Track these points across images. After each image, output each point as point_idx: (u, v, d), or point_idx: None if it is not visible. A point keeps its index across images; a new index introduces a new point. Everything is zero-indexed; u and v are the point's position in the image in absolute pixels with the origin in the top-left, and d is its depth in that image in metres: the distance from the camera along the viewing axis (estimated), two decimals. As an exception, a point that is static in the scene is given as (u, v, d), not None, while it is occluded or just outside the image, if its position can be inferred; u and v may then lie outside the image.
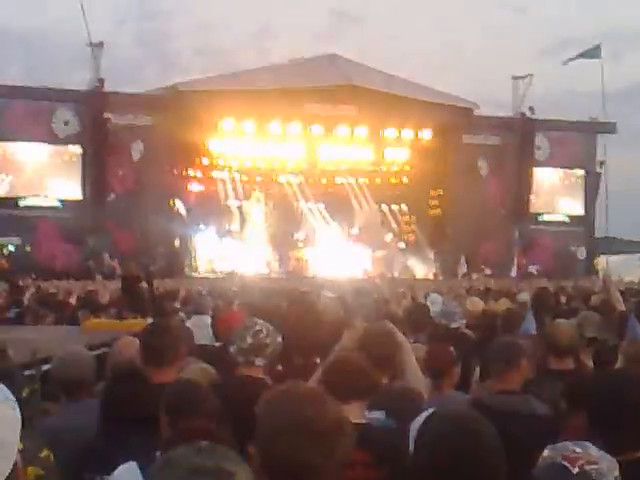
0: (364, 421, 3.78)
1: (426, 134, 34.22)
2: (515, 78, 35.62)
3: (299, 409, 2.27)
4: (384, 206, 36.33)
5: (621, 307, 8.13)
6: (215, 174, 34.41)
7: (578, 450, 2.54)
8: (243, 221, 34.25)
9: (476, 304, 9.70)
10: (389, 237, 35.41)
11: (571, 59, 34.60)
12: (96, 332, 7.49)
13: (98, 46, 31.27)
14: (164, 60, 73.94)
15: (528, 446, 3.05)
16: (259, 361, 4.71)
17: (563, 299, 13.56)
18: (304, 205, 35.31)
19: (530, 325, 7.14)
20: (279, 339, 4.81)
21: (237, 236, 33.66)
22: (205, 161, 33.87)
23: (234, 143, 33.44)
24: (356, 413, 3.73)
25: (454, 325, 8.21)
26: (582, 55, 34.11)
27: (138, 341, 4.71)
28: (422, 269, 33.36)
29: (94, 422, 3.92)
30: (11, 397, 2.03)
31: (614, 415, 3.28)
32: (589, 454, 2.54)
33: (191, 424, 3.14)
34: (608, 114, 35.61)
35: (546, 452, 2.59)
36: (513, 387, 4.74)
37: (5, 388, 2.05)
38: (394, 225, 36.10)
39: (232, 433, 3.18)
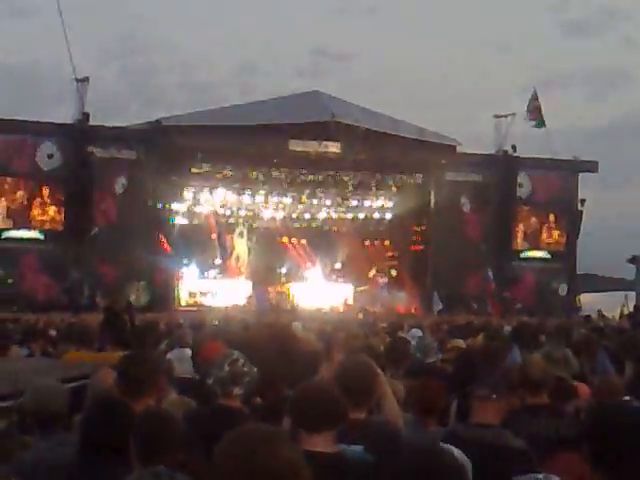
0: (333, 450, 3.81)
1: (409, 170, 34.42)
2: (497, 116, 35.94)
3: (251, 453, 2.22)
4: (367, 241, 36.48)
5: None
6: (198, 208, 34.48)
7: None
8: (226, 255, 34.26)
9: (455, 341, 9.76)
10: (372, 272, 35.49)
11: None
12: (76, 364, 7.48)
13: (83, 81, 31.38)
14: (148, 95, 74.33)
15: (501, 478, 3.08)
16: (237, 390, 4.74)
17: (542, 336, 13.64)
18: (287, 240, 35.40)
19: (516, 356, 7.19)
20: (255, 370, 4.84)
21: (220, 270, 33.65)
22: (189, 195, 33.93)
23: (218, 177, 33.55)
24: (326, 443, 3.76)
25: (430, 360, 8.25)
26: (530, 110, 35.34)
27: (116, 374, 4.73)
28: (404, 304, 33.40)
29: (68, 456, 3.90)
30: None
31: (614, 449, 3.31)
32: None
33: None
34: (588, 153, 36.02)
35: None
36: (490, 421, 4.77)
37: None
38: (377, 260, 36.22)
39: (208, 463, 3.20)
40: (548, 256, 36.58)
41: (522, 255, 36.26)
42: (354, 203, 35.99)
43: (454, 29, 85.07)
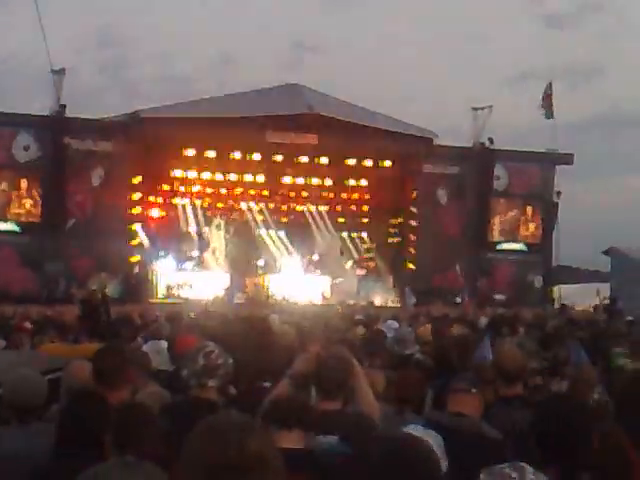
0: (304, 447, 3.84)
1: (386, 163, 34.47)
2: (474, 109, 36.05)
3: (220, 441, 2.17)
4: (344, 233, 36.52)
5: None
6: (176, 200, 34.40)
7: (514, 475, 2.57)
8: (203, 247, 34.19)
9: (427, 330, 9.81)
10: (349, 264, 35.54)
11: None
12: (52, 357, 7.46)
13: (60, 73, 31.21)
14: (126, 87, 73.95)
15: (474, 466, 3.11)
16: (212, 382, 4.76)
17: (520, 328, 13.72)
18: (265, 232, 35.38)
19: (486, 351, 7.20)
20: (230, 361, 4.86)
21: (197, 262, 33.59)
22: (166, 187, 33.84)
23: (195, 170, 33.49)
24: (296, 439, 3.80)
25: (408, 352, 8.29)
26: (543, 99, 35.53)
27: (91, 365, 4.74)
28: (381, 296, 33.46)
29: (45, 446, 3.91)
30: None
31: (562, 440, 3.36)
32: (524, 477, 2.58)
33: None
34: (564, 145, 36.28)
35: (482, 476, 2.61)
36: (467, 412, 4.81)
37: None
38: (354, 253, 36.28)
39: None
40: (524, 248, 36.75)
41: (498, 247, 36.41)
42: (331, 195, 36.00)
43: (433, 21, 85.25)
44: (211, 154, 32.49)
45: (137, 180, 31.66)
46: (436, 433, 3.89)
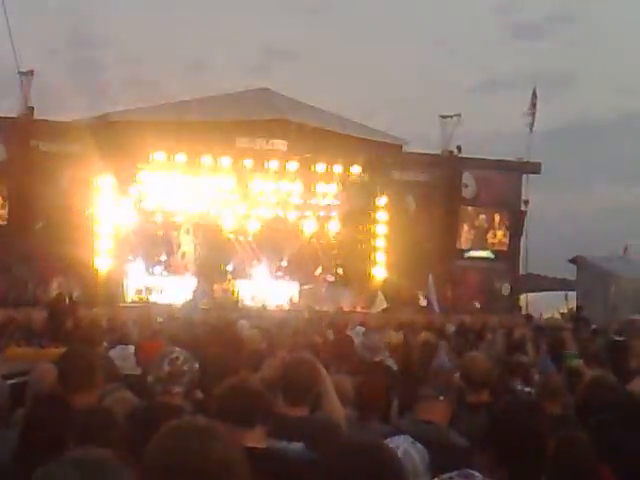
0: (264, 446, 3.84)
1: (355, 169, 34.51)
2: (443, 117, 36.20)
3: (183, 446, 2.17)
4: (313, 239, 36.52)
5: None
6: (145, 204, 34.21)
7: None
8: (172, 252, 34.06)
9: (395, 337, 9.85)
10: (318, 270, 35.55)
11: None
12: (18, 360, 7.42)
13: (27, 74, 31.00)
14: (95, 90, 73.46)
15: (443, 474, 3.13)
16: (177, 388, 4.75)
17: (488, 335, 13.81)
18: (233, 237, 35.30)
19: (443, 358, 7.23)
20: (196, 365, 4.86)
21: (165, 267, 33.47)
22: (134, 191, 33.65)
23: (165, 174, 33.33)
24: (258, 438, 3.80)
25: (377, 358, 8.32)
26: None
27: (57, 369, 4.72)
28: (350, 302, 33.50)
29: (8, 454, 3.87)
30: None
31: (514, 446, 3.39)
32: None
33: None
34: (533, 154, 36.52)
35: None
36: (435, 419, 4.84)
37: None
38: (323, 258, 36.28)
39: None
40: (492, 256, 36.95)
41: (466, 255, 36.58)
42: (300, 201, 35.98)
43: (402, 28, 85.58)
44: (181, 158, 32.38)
45: (105, 183, 31.48)
46: (424, 447, 3.92)
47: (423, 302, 33.42)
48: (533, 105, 36.48)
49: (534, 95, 36.84)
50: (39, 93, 31.94)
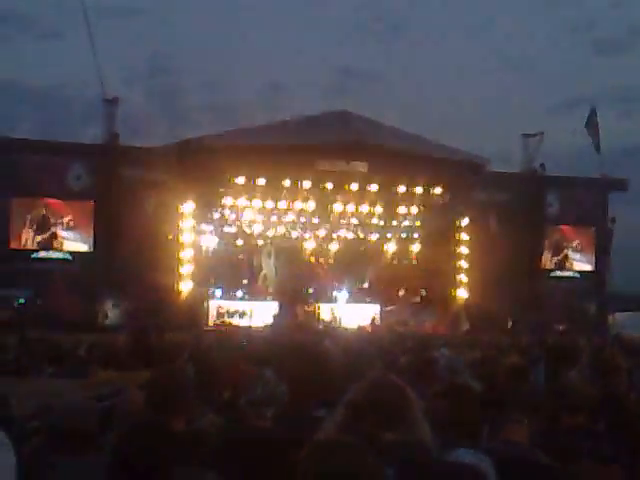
0: None
1: (436, 190, 34.29)
2: (525, 136, 35.79)
3: (344, 461, 2.43)
4: (395, 261, 36.38)
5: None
6: (227, 229, 34.55)
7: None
8: (253, 275, 34.28)
9: (479, 358, 9.66)
10: (402, 292, 35.38)
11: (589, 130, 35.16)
12: (105, 384, 7.46)
13: (113, 102, 31.69)
14: (176, 115, 74.66)
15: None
16: (268, 411, 4.71)
17: (576, 357, 13.48)
18: (315, 260, 35.37)
19: (539, 380, 7.08)
20: (284, 389, 4.81)
21: (247, 290, 33.67)
22: (217, 215, 34.02)
23: (246, 197, 33.60)
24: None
25: (459, 379, 8.16)
26: (586, 125, 34.86)
27: (144, 392, 4.70)
28: (433, 324, 33.23)
29: (99, 476, 3.84)
30: (6, 441, 2.03)
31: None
32: None
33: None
34: (617, 171, 35.89)
35: None
36: (520, 440, 4.74)
37: (4, 436, 2.04)
38: (405, 280, 36.09)
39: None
40: (577, 275, 36.35)
41: (551, 274, 36.05)
42: (381, 223, 35.90)
43: (482, 47, 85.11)
44: (261, 182, 32.61)
45: (188, 208, 31.94)
46: (489, 460, 3.85)
47: (509, 323, 32.98)
48: (595, 125, 35.76)
49: (594, 114, 36.11)
50: (122, 119, 32.68)
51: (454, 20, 78.16)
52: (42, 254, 31.10)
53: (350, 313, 32.93)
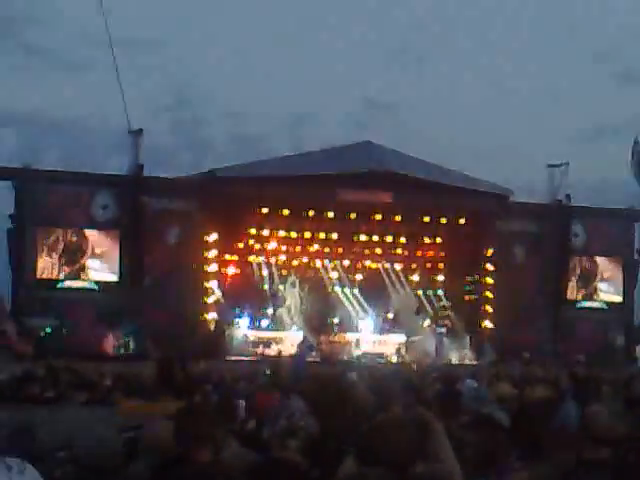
0: None
1: (461, 220, 34.22)
2: (550, 166, 35.63)
3: None
4: (420, 291, 36.27)
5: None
6: (251, 258, 34.64)
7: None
8: (278, 305, 34.27)
9: (507, 390, 9.58)
10: (427, 322, 35.21)
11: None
12: (130, 414, 7.46)
13: (137, 133, 31.92)
14: (199, 146, 74.89)
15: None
16: (293, 443, 4.67)
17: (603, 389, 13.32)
18: (339, 290, 35.32)
19: (571, 413, 6.98)
20: (313, 422, 4.78)
21: (272, 320, 33.64)
22: (241, 245, 34.12)
23: (270, 227, 33.69)
24: None
25: (486, 410, 8.08)
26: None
27: (171, 423, 4.68)
28: (458, 355, 33.03)
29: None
30: (36, 474, 2.03)
31: None
32: None
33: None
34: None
35: None
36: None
37: (34, 469, 2.05)
38: (430, 310, 35.96)
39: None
40: (604, 306, 36.05)
41: (577, 305, 35.78)
42: (406, 253, 35.85)
43: (503, 77, 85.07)
44: (285, 212, 32.69)
45: (213, 238, 32.06)
46: None
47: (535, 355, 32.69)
48: (637, 154, 35.48)
49: (637, 143, 35.86)
50: (147, 150, 32.85)
51: (474, 50, 78.20)
52: (67, 283, 31.23)
53: (375, 343, 32.79)
